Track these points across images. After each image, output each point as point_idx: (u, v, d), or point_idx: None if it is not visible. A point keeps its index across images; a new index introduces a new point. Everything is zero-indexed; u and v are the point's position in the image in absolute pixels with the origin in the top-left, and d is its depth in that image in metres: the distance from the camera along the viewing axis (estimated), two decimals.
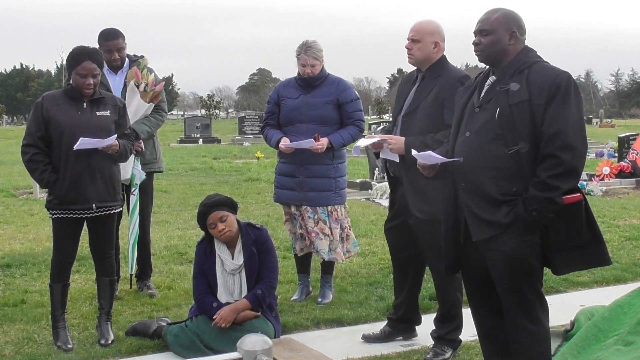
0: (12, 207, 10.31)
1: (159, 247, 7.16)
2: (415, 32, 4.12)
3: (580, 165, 3.12)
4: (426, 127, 4.02)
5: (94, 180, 4.35)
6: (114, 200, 4.48)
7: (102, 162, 4.37)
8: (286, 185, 5.24)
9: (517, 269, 3.17)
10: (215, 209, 4.30)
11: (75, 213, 4.37)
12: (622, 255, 6.83)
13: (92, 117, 4.36)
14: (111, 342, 4.41)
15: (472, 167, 3.20)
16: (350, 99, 5.22)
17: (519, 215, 3.10)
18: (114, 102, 4.52)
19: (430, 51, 4.11)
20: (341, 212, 5.29)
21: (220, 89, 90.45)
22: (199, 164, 17.91)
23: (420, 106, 4.10)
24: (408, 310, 4.50)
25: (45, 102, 4.39)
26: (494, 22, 3.22)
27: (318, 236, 5.18)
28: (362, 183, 12.10)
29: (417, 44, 4.11)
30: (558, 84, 3.09)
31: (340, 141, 5.15)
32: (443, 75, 4.10)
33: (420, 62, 4.16)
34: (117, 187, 4.53)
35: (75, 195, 4.33)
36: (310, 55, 5.15)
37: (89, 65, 4.29)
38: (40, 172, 4.34)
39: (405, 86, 4.33)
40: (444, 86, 4.03)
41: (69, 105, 4.36)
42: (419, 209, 4.05)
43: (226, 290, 4.39)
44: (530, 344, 3.24)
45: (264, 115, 5.48)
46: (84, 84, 4.30)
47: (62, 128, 4.30)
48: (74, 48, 4.39)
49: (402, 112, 4.21)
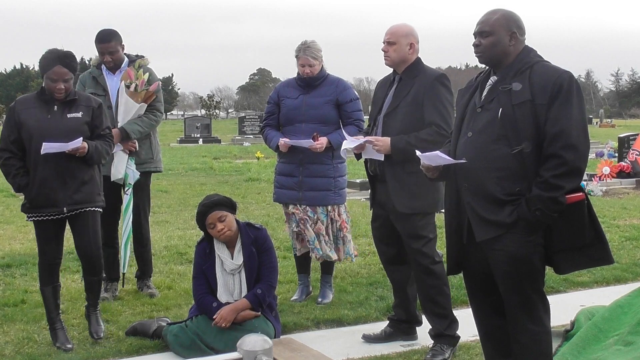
0: (12, 207, 10.31)
1: (159, 247, 7.16)
2: (390, 35, 4.24)
3: (583, 165, 3.13)
4: (406, 125, 4.13)
5: (63, 184, 4.31)
6: (89, 202, 4.42)
7: (74, 165, 4.33)
8: (286, 184, 5.24)
9: (520, 269, 3.17)
10: (214, 209, 4.30)
11: (47, 215, 4.35)
12: (622, 255, 6.83)
13: (62, 120, 4.33)
14: (102, 333, 4.41)
15: (475, 167, 3.20)
16: (349, 98, 5.23)
17: (523, 215, 3.09)
18: (87, 102, 4.46)
19: (406, 52, 4.22)
20: (340, 212, 5.29)
21: (220, 89, 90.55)
22: (199, 164, 17.91)
23: (399, 106, 4.20)
24: (406, 311, 4.50)
25: (17, 106, 4.38)
26: (494, 23, 3.22)
27: (316, 236, 5.19)
28: (362, 183, 12.09)
29: (392, 46, 4.22)
30: (560, 84, 3.09)
31: (339, 141, 5.11)
32: (420, 75, 4.21)
33: (396, 64, 4.26)
34: (93, 189, 4.44)
35: (45, 199, 4.31)
36: (308, 55, 5.16)
37: (59, 70, 4.26)
38: (13, 175, 4.34)
39: (382, 88, 4.41)
40: (422, 85, 4.16)
41: (40, 108, 4.34)
42: (403, 203, 4.14)
43: (226, 290, 4.39)
44: (531, 344, 3.24)
45: (264, 116, 5.49)
46: (54, 89, 4.28)
47: (32, 132, 4.29)
48: (46, 51, 4.37)
49: (382, 112, 4.28)
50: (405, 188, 4.12)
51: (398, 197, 4.15)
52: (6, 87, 68.49)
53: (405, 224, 4.20)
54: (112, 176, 5.21)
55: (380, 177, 4.27)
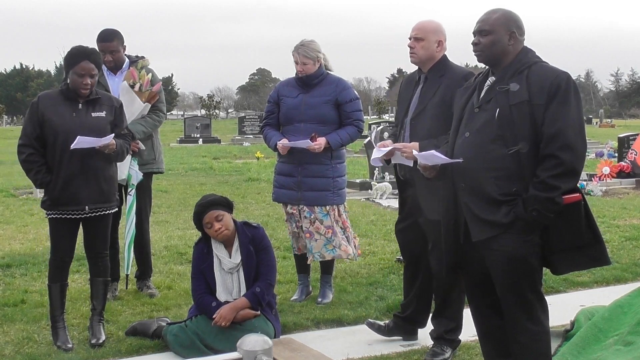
0: (12, 207, 10.31)
1: (159, 247, 7.16)
2: (418, 31, 4.10)
3: (580, 166, 3.13)
4: (435, 128, 3.99)
5: (87, 182, 4.34)
6: (108, 201, 4.47)
7: (97, 162, 4.36)
8: (285, 184, 5.24)
9: (517, 269, 3.17)
10: (210, 208, 4.31)
11: (69, 214, 4.37)
12: (622, 255, 6.83)
13: (87, 118, 4.35)
14: (102, 342, 4.40)
15: (472, 167, 3.20)
16: (349, 98, 5.19)
17: (520, 215, 3.10)
18: (110, 102, 4.50)
19: (433, 50, 4.11)
20: (340, 212, 5.28)
21: (220, 89, 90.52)
22: (198, 164, 17.91)
23: (427, 108, 4.09)
24: (415, 311, 4.47)
25: (41, 102, 4.38)
26: (494, 22, 3.22)
27: (313, 237, 5.18)
28: (362, 183, 12.10)
29: (420, 42, 4.09)
30: (558, 84, 3.10)
31: (338, 141, 5.13)
32: (447, 75, 4.09)
33: (422, 62, 4.14)
34: (112, 188, 4.51)
35: (68, 197, 4.33)
36: (301, 53, 5.14)
37: (86, 65, 4.28)
38: (35, 172, 4.35)
39: (408, 88, 4.30)
40: (450, 85, 3.99)
41: (64, 105, 4.35)
42: (433, 209, 4.01)
43: (225, 289, 4.40)
44: (530, 344, 3.25)
45: (264, 115, 5.49)
46: (81, 84, 4.29)
47: (57, 129, 4.30)
48: (72, 47, 4.38)
49: (409, 115, 4.18)
50: (434, 193, 3.93)
51: (427, 203, 4.05)
52: (6, 87, 68.48)
53: (436, 230, 3.96)
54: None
55: (410, 182, 4.20)
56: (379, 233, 7.85)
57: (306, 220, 5.18)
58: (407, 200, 4.32)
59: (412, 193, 4.21)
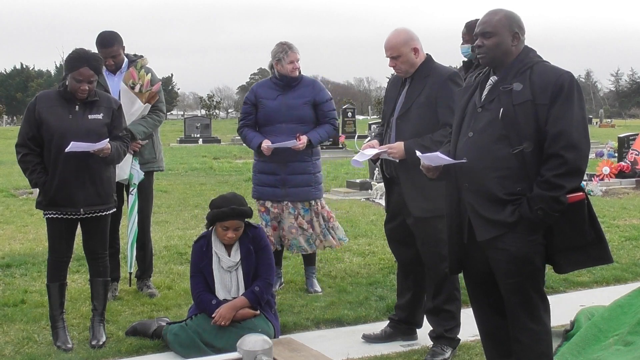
0: (12, 207, 10.31)
1: (159, 247, 7.15)
2: (391, 50, 4.16)
3: (584, 165, 3.14)
4: (420, 127, 4.08)
5: (82, 184, 4.34)
6: (105, 203, 4.46)
7: (93, 165, 4.35)
8: (268, 182, 5.45)
9: (522, 268, 3.17)
10: (238, 218, 4.33)
11: (65, 214, 4.38)
12: (622, 255, 6.83)
13: (83, 121, 4.34)
14: (102, 343, 4.39)
15: (476, 167, 3.20)
16: (325, 99, 5.51)
17: (524, 214, 3.10)
18: (108, 104, 4.48)
19: (412, 59, 4.16)
20: (321, 205, 5.54)
21: (220, 89, 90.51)
22: (199, 164, 17.89)
23: (412, 107, 4.15)
24: (410, 313, 4.49)
25: (38, 102, 4.38)
26: (497, 24, 3.22)
27: (297, 232, 5.42)
28: (362, 183, 12.09)
29: (397, 59, 4.16)
30: (561, 84, 3.10)
31: (318, 139, 5.47)
32: (432, 75, 4.16)
33: (408, 71, 4.21)
34: (109, 190, 4.50)
35: (63, 199, 4.33)
36: (296, 52, 5.40)
37: (86, 71, 4.27)
38: (30, 172, 4.36)
39: (394, 88, 4.37)
40: (434, 85, 4.10)
41: (61, 107, 4.35)
42: (419, 207, 4.09)
43: (223, 287, 4.40)
44: (532, 344, 3.25)
45: (241, 116, 5.66)
46: (78, 89, 4.29)
47: (53, 131, 4.29)
48: (73, 51, 4.37)
49: (395, 114, 4.23)
50: (419, 191, 4.05)
51: (413, 201, 4.11)
52: (6, 87, 68.48)
53: (425, 228, 4.12)
54: (117, 177, 5.20)
55: (396, 179, 4.24)
56: (379, 233, 7.84)
57: (291, 217, 5.39)
58: (393, 200, 4.35)
59: (398, 191, 4.25)
